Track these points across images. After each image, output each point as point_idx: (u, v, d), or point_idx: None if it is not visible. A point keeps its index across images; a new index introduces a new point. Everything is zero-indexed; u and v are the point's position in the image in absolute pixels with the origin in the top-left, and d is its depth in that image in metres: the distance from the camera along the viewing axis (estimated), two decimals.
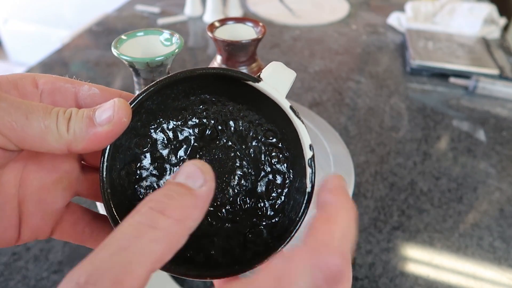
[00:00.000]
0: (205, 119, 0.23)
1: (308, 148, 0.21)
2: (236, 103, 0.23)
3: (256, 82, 0.21)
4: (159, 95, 0.21)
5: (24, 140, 0.17)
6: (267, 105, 0.22)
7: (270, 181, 0.23)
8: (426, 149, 0.64)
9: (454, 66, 0.80)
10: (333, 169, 0.40)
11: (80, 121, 0.18)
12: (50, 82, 0.20)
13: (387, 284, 0.45)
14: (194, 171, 0.16)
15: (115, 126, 0.18)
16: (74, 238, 0.22)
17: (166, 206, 0.15)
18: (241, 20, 0.39)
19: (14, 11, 1.88)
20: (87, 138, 0.18)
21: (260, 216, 0.23)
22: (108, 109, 0.18)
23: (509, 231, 0.51)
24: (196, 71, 0.20)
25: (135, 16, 1.02)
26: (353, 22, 1.04)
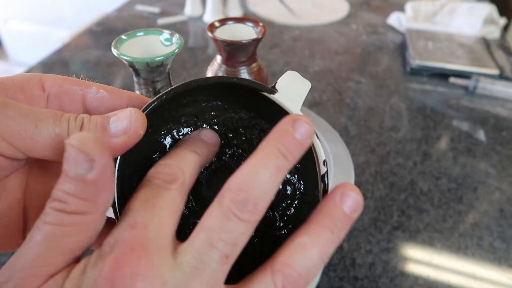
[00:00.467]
0: (216, 126, 0.22)
1: (322, 163, 0.20)
2: (248, 111, 0.22)
3: (271, 93, 0.20)
4: (170, 102, 0.21)
5: (33, 149, 0.16)
6: (280, 115, 0.21)
7: (280, 191, 0.23)
8: (426, 149, 0.64)
9: (454, 66, 0.80)
10: (333, 169, 0.40)
11: (94, 130, 0.17)
12: (57, 85, 0.19)
13: (387, 284, 0.45)
14: (74, 155, 0.15)
15: (130, 138, 0.17)
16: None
17: (62, 205, 0.15)
18: (241, 20, 0.39)
19: (14, 11, 1.88)
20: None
21: (269, 226, 0.22)
22: (123, 119, 0.17)
23: (509, 231, 0.51)
24: (211, 80, 0.20)
25: (135, 16, 1.02)
26: (353, 22, 1.04)
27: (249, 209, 0.16)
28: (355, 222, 0.51)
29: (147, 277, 0.15)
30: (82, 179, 0.15)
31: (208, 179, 0.23)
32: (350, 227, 0.18)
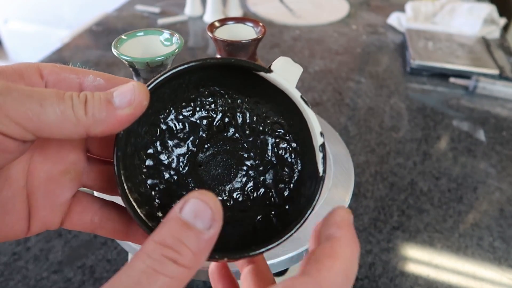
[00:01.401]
0: (213, 111, 0.23)
1: (319, 135, 0.21)
2: (244, 96, 0.23)
3: (267, 72, 0.21)
4: (171, 84, 0.21)
5: (41, 128, 0.17)
6: (275, 97, 0.22)
7: (278, 171, 0.23)
8: (426, 149, 0.64)
9: (454, 66, 0.80)
10: (333, 169, 0.40)
11: (99, 104, 0.17)
12: (55, 73, 0.20)
13: (387, 284, 0.45)
14: (203, 209, 0.16)
15: (136, 109, 0.18)
16: (83, 227, 0.22)
17: (179, 256, 0.15)
18: (241, 20, 0.39)
19: (14, 11, 1.88)
20: (107, 121, 0.18)
21: (269, 205, 0.23)
22: (127, 92, 0.18)
23: (509, 231, 0.51)
24: (210, 60, 0.20)
25: (135, 16, 1.02)
26: (353, 22, 1.04)
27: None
28: (355, 222, 0.51)
29: None
30: (200, 234, 0.16)
31: (206, 162, 0.23)
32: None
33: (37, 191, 0.20)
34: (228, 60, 0.21)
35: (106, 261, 0.46)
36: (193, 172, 0.23)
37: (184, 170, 0.23)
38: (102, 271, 0.45)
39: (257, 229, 0.22)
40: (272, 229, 0.22)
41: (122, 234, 0.22)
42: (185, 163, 0.23)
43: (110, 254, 0.46)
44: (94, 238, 0.48)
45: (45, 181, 0.20)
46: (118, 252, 0.47)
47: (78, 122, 0.17)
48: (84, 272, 0.44)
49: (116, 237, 0.22)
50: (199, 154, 0.23)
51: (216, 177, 0.23)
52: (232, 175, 0.24)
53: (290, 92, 0.21)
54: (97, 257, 0.46)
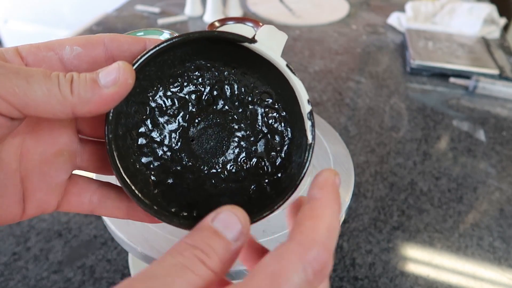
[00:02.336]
0: (201, 85, 0.23)
1: (306, 102, 0.22)
2: (231, 68, 0.23)
3: (251, 43, 0.21)
4: (156, 61, 0.21)
5: (27, 105, 0.17)
6: (261, 67, 0.22)
7: (269, 140, 0.24)
8: (426, 149, 0.64)
9: (454, 66, 0.80)
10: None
11: (84, 83, 0.18)
12: (32, 53, 0.20)
13: (387, 284, 0.45)
14: (233, 222, 0.18)
15: (120, 87, 0.18)
16: (81, 208, 0.22)
17: (207, 258, 0.16)
18: (241, 20, 0.39)
19: (14, 11, 1.88)
20: (93, 100, 0.18)
21: (262, 174, 0.24)
22: (112, 71, 0.18)
23: (509, 231, 0.51)
24: (193, 34, 0.21)
25: (135, 16, 1.02)
26: (353, 22, 1.04)
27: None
28: (355, 222, 0.51)
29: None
30: (228, 244, 0.17)
31: (198, 136, 0.24)
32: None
33: (31, 173, 0.20)
34: (210, 32, 0.21)
35: (106, 261, 0.46)
36: (186, 147, 0.23)
37: (177, 145, 0.23)
38: (102, 271, 0.45)
39: (252, 198, 0.23)
40: (267, 197, 0.23)
41: (123, 212, 0.22)
42: (177, 139, 0.23)
43: (110, 254, 0.46)
44: (94, 238, 0.48)
45: (39, 164, 0.20)
46: (118, 252, 0.47)
47: (64, 101, 0.17)
48: (84, 272, 0.44)
49: (116, 215, 0.22)
50: (191, 129, 0.24)
51: (209, 150, 0.24)
52: (225, 147, 0.24)
53: (275, 62, 0.22)
54: (97, 257, 0.46)
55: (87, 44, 0.20)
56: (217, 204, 0.22)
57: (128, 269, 0.45)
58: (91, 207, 0.22)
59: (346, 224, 0.51)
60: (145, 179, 0.22)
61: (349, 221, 0.51)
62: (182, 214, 0.22)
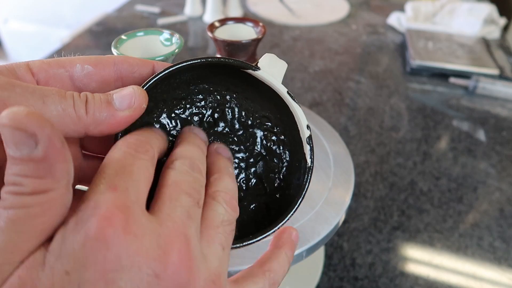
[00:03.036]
0: (203, 108, 0.24)
1: (305, 128, 0.23)
2: (233, 92, 0.24)
3: (255, 70, 0.22)
4: (162, 84, 0.22)
5: None
6: (262, 92, 0.24)
7: (267, 162, 0.25)
8: (426, 149, 0.64)
9: (454, 66, 0.80)
10: (333, 169, 0.40)
11: (99, 104, 0.18)
12: (43, 70, 0.20)
13: (387, 284, 0.45)
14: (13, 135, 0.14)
15: (135, 111, 0.19)
16: None
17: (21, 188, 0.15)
18: (241, 20, 0.39)
19: (14, 11, 1.88)
20: (107, 121, 0.18)
21: (262, 194, 0.25)
22: (127, 95, 0.19)
23: (509, 231, 0.51)
24: (201, 60, 0.22)
25: (135, 16, 1.02)
26: (353, 22, 1.04)
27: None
28: (355, 222, 0.51)
29: (139, 235, 0.15)
30: (29, 158, 0.14)
31: None
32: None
33: None
34: (217, 59, 0.22)
35: None
36: None
37: None
38: None
39: (252, 218, 0.24)
40: (266, 218, 0.24)
41: None
42: None
43: None
44: None
45: None
46: None
47: (79, 121, 0.18)
48: None
49: None
50: None
51: None
52: None
53: (277, 88, 0.23)
54: None
55: (98, 64, 0.21)
56: None
57: None
58: None
59: (346, 224, 0.51)
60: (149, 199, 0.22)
61: (349, 221, 0.51)
62: None
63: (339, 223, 0.36)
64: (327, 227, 0.34)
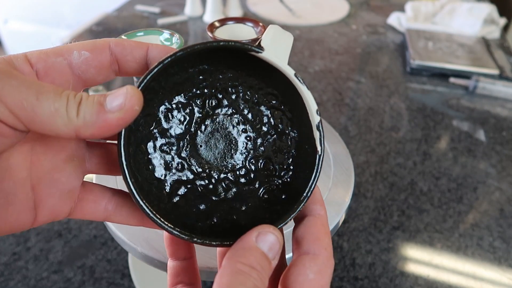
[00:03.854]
0: (205, 89, 0.23)
1: (315, 113, 0.22)
2: (235, 71, 0.23)
3: (259, 52, 0.21)
4: (161, 75, 0.21)
5: (33, 121, 0.17)
6: (267, 71, 0.22)
7: (276, 142, 0.24)
8: (426, 149, 0.64)
9: (454, 66, 0.80)
10: (333, 169, 0.40)
11: (91, 106, 0.17)
12: (42, 60, 0.20)
13: (387, 284, 0.45)
14: (275, 243, 0.20)
15: (126, 113, 0.18)
16: (96, 215, 0.22)
17: (261, 280, 0.18)
18: (241, 20, 0.39)
19: (14, 11, 1.88)
20: (97, 124, 0.17)
21: (271, 175, 0.24)
22: (119, 96, 0.18)
23: (509, 231, 0.51)
24: (198, 47, 0.20)
25: (135, 16, 1.02)
26: (353, 22, 1.04)
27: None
28: (355, 222, 0.51)
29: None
30: (269, 260, 0.19)
31: (206, 141, 0.24)
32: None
33: (43, 180, 0.20)
34: (216, 43, 0.20)
35: (106, 261, 0.46)
36: (195, 154, 0.23)
37: (185, 153, 0.23)
38: (102, 271, 0.45)
39: (264, 202, 0.23)
40: (278, 202, 0.23)
41: (137, 219, 0.23)
42: (185, 146, 0.23)
43: (110, 254, 0.46)
44: (94, 238, 0.48)
45: (49, 170, 0.20)
46: (118, 252, 0.47)
47: (69, 123, 0.17)
48: (84, 272, 0.44)
49: (131, 223, 0.23)
50: (198, 134, 0.24)
51: (218, 155, 0.24)
52: (233, 150, 0.24)
53: (283, 71, 0.21)
54: (97, 257, 0.46)
55: (94, 49, 0.20)
56: (232, 211, 0.23)
57: (128, 269, 0.45)
58: (106, 214, 0.22)
59: (346, 224, 0.51)
60: (159, 193, 0.22)
61: (349, 221, 0.51)
62: (199, 225, 0.22)
63: (339, 223, 0.36)
64: None
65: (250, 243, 0.19)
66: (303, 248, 0.21)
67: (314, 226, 0.21)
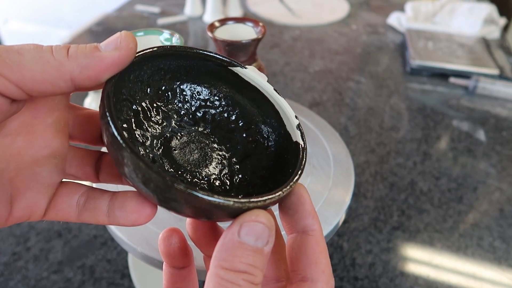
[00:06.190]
0: (185, 106, 0.24)
1: (294, 117, 0.23)
2: (216, 95, 0.25)
3: (243, 68, 0.23)
4: (151, 66, 0.22)
5: (23, 77, 0.17)
6: (246, 93, 0.24)
7: (253, 160, 0.24)
8: (426, 149, 0.64)
9: (454, 66, 0.80)
10: (333, 169, 0.40)
11: (83, 49, 0.17)
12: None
13: (387, 284, 0.45)
14: (261, 230, 0.17)
15: (122, 51, 0.18)
16: (68, 213, 0.21)
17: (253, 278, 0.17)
18: (241, 20, 0.39)
19: (14, 11, 1.88)
20: (93, 64, 0.17)
21: (248, 188, 0.23)
22: (114, 38, 0.18)
23: (509, 231, 0.51)
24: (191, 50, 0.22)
25: (135, 16, 1.02)
26: (353, 22, 1.04)
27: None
28: (355, 222, 0.51)
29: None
30: (261, 251, 0.17)
31: (180, 148, 0.24)
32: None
33: (22, 173, 0.19)
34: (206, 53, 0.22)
35: (106, 261, 0.46)
36: (168, 154, 0.23)
37: (158, 151, 0.23)
38: (102, 271, 0.45)
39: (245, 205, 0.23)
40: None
41: (103, 214, 0.21)
42: (159, 145, 0.23)
43: (110, 254, 0.46)
44: (94, 238, 0.48)
45: (30, 164, 0.20)
46: (118, 252, 0.47)
47: (60, 66, 0.17)
48: (84, 272, 0.44)
49: (98, 220, 0.21)
50: (173, 140, 0.24)
51: (191, 162, 0.23)
52: (208, 162, 0.24)
53: (263, 85, 0.23)
54: (97, 257, 0.46)
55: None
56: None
57: (128, 269, 0.45)
58: (77, 210, 0.21)
59: (346, 224, 0.51)
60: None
61: (349, 221, 0.51)
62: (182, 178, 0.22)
63: (339, 223, 0.36)
64: (327, 227, 0.34)
65: (233, 240, 0.17)
66: (299, 273, 0.19)
67: (309, 247, 0.20)
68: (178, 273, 0.24)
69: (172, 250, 0.23)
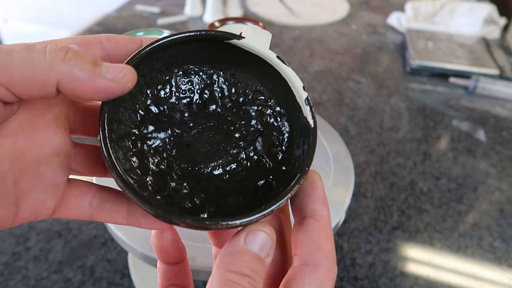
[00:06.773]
0: (190, 90, 0.23)
1: (302, 89, 0.22)
2: (219, 70, 0.23)
3: (239, 39, 0.21)
4: (146, 64, 0.21)
5: (11, 81, 0.16)
6: (250, 65, 0.23)
7: (267, 137, 0.24)
8: (426, 149, 0.64)
9: (454, 66, 0.80)
10: (333, 169, 0.40)
11: (82, 59, 0.17)
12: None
13: (387, 284, 0.45)
14: (266, 241, 0.19)
15: (118, 85, 0.18)
16: (81, 212, 0.21)
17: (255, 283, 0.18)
18: (241, 20, 0.39)
19: (14, 11, 1.88)
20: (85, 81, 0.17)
21: (265, 171, 0.23)
22: (118, 68, 0.18)
23: (509, 231, 0.51)
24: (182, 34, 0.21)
25: (135, 16, 1.02)
26: (353, 22, 1.04)
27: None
28: (355, 222, 0.51)
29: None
30: (262, 261, 0.18)
31: (193, 141, 0.23)
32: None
33: (27, 173, 0.19)
34: (198, 32, 0.21)
35: (106, 261, 0.46)
36: (182, 153, 0.23)
37: (172, 152, 0.23)
38: (102, 271, 0.45)
39: (259, 195, 0.22)
40: (274, 192, 0.22)
41: (122, 216, 0.22)
42: (171, 145, 0.23)
43: (110, 254, 0.46)
44: (94, 238, 0.48)
45: (34, 164, 0.19)
46: (118, 252, 0.47)
47: (51, 68, 0.17)
48: (84, 272, 0.44)
49: (116, 221, 0.22)
50: (184, 135, 0.23)
51: (206, 154, 0.23)
52: (222, 149, 0.23)
53: (265, 55, 0.22)
54: (97, 257, 0.46)
55: (84, 43, 0.20)
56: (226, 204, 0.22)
57: (128, 269, 0.45)
58: (90, 211, 0.21)
59: (346, 224, 0.51)
60: (144, 187, 0.21)
61: (349, 221, 0.51)
62: (192, 212, 0.21)
63: (339, 223, 0.36)
64: None
65: (239, 246, 0.18)
66: (303, 256, 0.19)
67: (315, 232, 0.20)
68: (172, 269, 0.24)
69: (165, 244, 0.24)
